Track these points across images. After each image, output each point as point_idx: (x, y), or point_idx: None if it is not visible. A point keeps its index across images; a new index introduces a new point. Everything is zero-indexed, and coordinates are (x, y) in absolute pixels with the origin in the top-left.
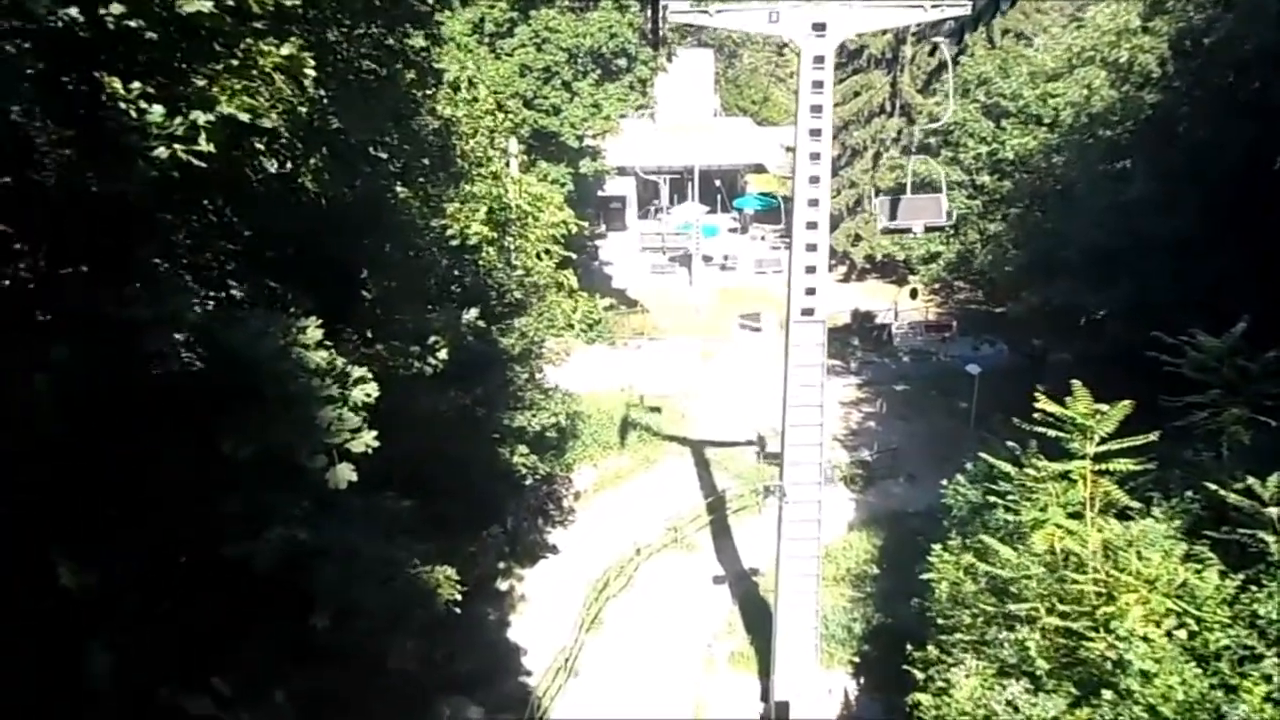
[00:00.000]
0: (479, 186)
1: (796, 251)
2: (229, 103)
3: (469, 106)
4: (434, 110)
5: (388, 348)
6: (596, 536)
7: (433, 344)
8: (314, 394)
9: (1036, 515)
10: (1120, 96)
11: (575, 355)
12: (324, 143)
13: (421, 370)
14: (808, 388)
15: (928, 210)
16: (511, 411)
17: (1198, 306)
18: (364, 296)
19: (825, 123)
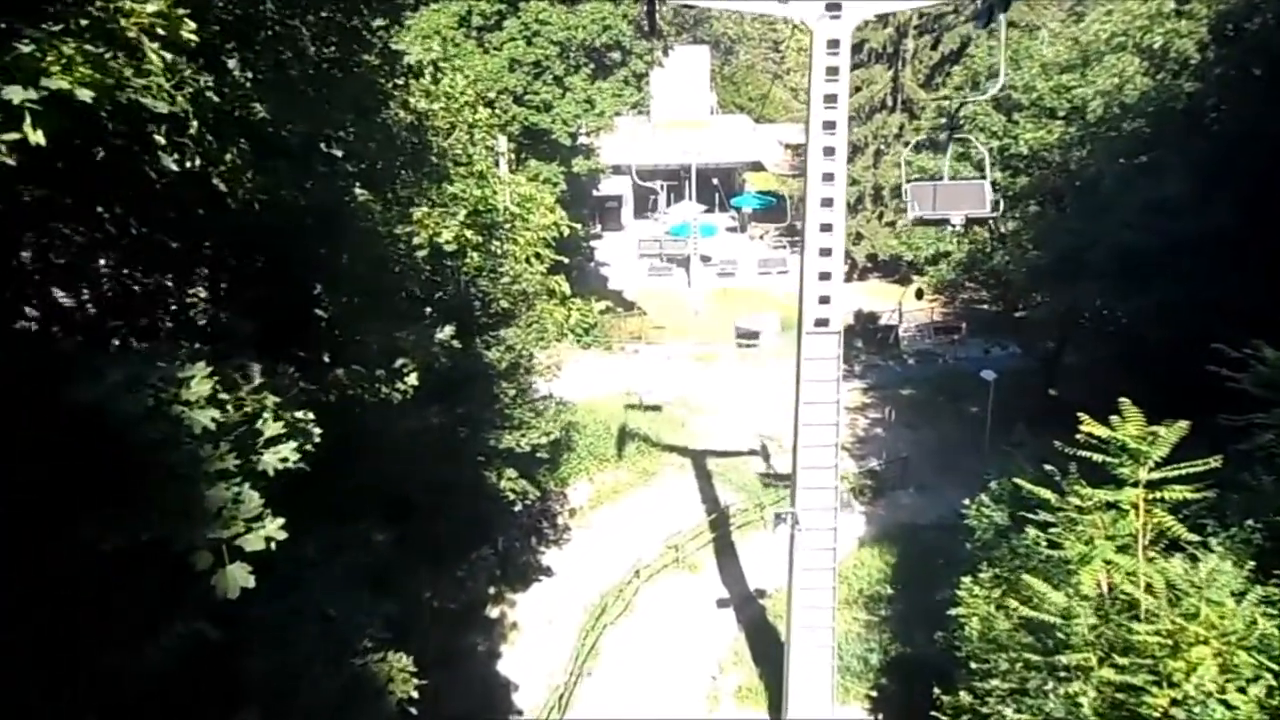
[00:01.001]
0: (458, 186)
1: (809, 256)
2: (63, 75)
3: (446, 99)
4: (406, 103)
5: (349, 373)
6: (593, 556)
7: (401, 367)
8: (199, 468)
9: (1082, 550)
10: (1155, 85)
11: (571, 361)
12: (252, 136)
13: (389, 396)
14: (822, 405)
15: (969, 198)
16: (498, 431)
17: (1235, 312)
18: (319, 316)
19: (841, 114)
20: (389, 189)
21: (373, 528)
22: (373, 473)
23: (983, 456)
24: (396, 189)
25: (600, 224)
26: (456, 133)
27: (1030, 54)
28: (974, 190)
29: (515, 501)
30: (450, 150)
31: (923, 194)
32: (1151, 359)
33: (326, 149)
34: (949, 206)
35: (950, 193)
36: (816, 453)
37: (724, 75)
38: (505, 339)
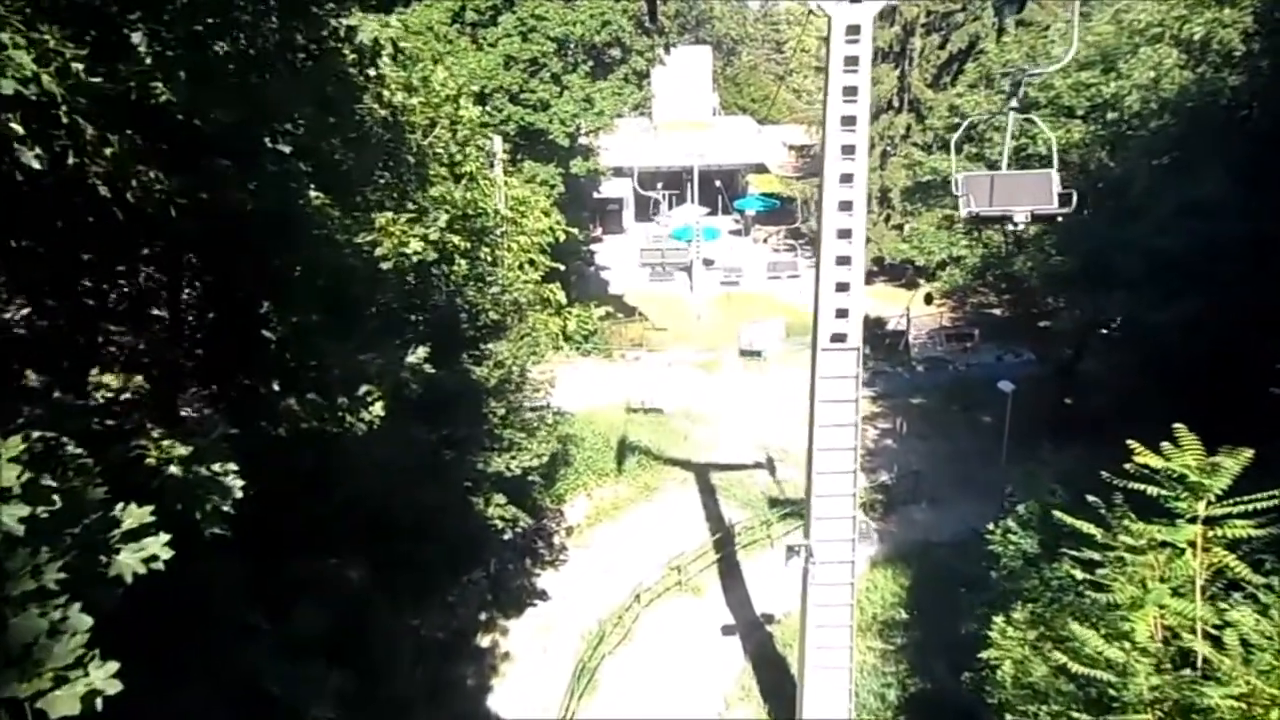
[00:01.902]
0: (439, 190)
1: (825, 265)
2: None
3: (426, 92)
4: (381, 97)
5: (304, 403)
6: (591, 578)
7: (365, 395)
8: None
9: (1134, 594)
10: (1195, 78)
11: (569, 369)
12: (157, 126)
13: (354, 427)
14: (839, 428)
15: (1034, 191)
16: (486, 453)
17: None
18: (266, 339)
19: (861, 109)
20: (358, 192)
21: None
22: (351, 499)
23: (1000, 470)
24: (367, 193)
25: (601, 227)
26: (438, 130)
27: (1047, 51)
28: (1039, 182)
29: (503, 530)
30: (430, 149)
31: (978, 187)
32: (1180, 369)
33: (272, 144)
34: (1010, 201)
35: (1011, 185)
36: (832, 480)
37: (726, 76)
38: (494, 353)
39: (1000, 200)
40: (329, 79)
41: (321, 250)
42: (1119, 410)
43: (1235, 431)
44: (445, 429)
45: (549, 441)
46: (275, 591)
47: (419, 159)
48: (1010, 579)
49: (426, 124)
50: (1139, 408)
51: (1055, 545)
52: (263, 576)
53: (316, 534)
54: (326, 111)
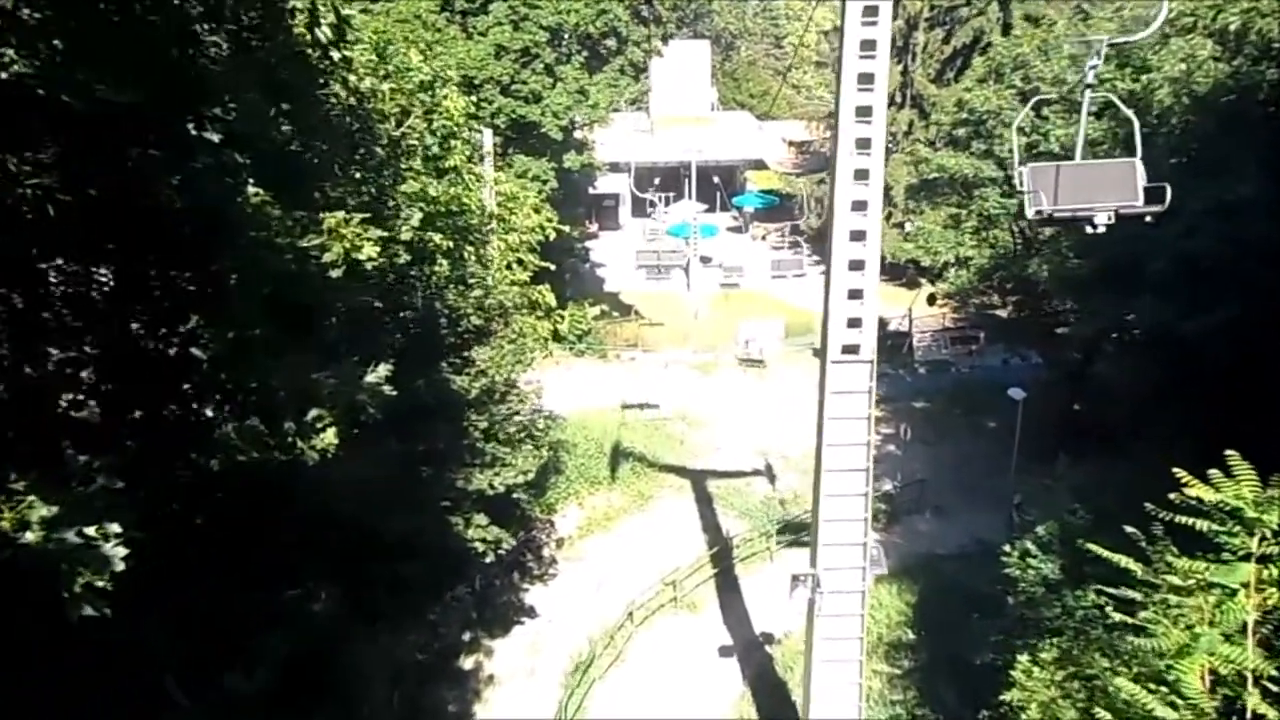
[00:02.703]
0: (414, 185)
1: (836, 271)
2: None
3: (398, 77)
4: (347, 82)
5: (242, 431)
6: (582, 593)
7: (314, 420)
8: None
9: (1181, 640)
10: (1231, 71)
11: (563, 370)
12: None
13: (304, 455)
14: (850, 447)
15: (1115, 185)
16: (468, 469)
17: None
18: (195, 357)
19: (879, 98)
20: (317, 188)
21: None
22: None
23: (1007, 478)
24: (327, 188)
25: (597, 223)
26: (412, 119)
27: (1060, 45)
28: (1121, 173)
29: (485, 553)
30: (404, 140)
31: (1045, 180)
32: (1203, 379)
33: (197, 131)
34: (1087, 198)
35: (1086, 178)
36: (842, 503)
37: (725, 71)
38: (476, 361)
39: (1074, 197)
40: (281, 61)
41: (261, 255)
42: (1135, 419)
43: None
44: (422, 444)
45: (535, 456)
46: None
47: (390, 151)
48: (1029, 606)
49: (398, 113)
50: (1156, 417)
51: (1077, 570)
52: (208, 621)
53: (277, 564)
54: (278, 96)
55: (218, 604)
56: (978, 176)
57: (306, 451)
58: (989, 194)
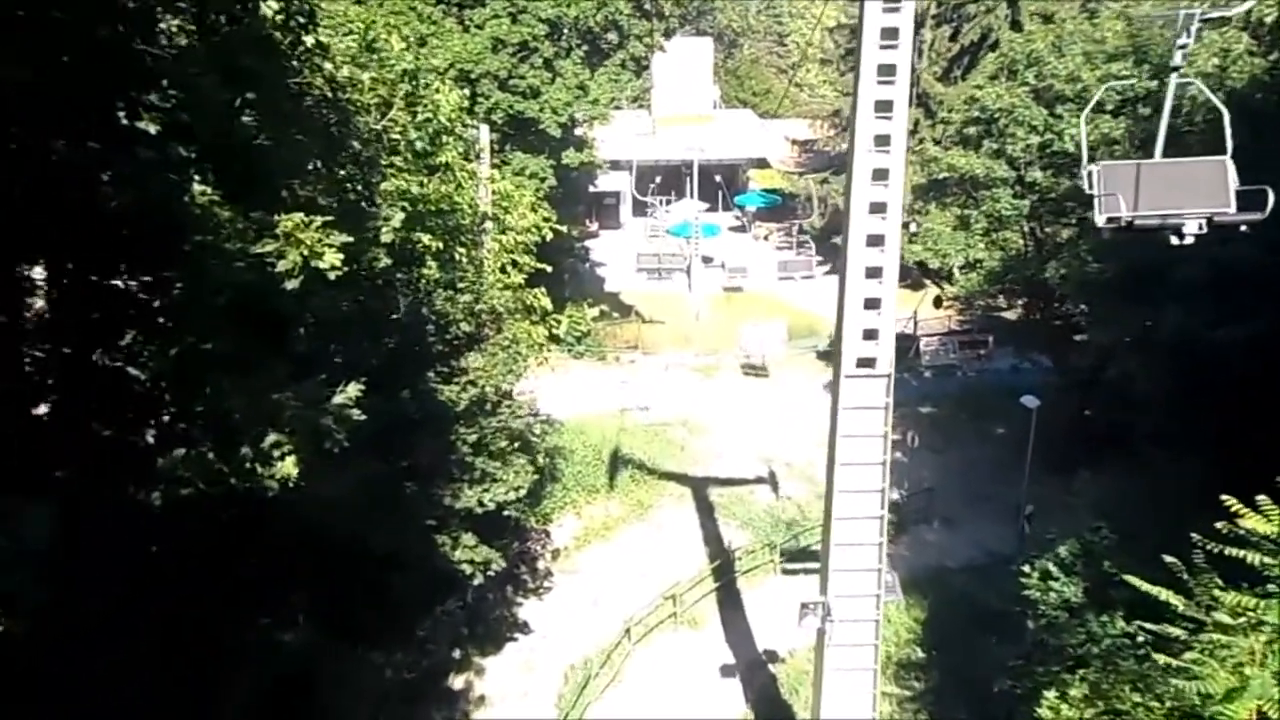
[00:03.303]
0: (395, 183)
1: (852, 278)
2: None
3: (380, 64)
4: (321, 70)
5: (193, 460)
6: (578, 607)
7: (271, 447)
8: None
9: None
10: (1268, 66)
11: (561, 372)
12: None
13: (264, 485)
14: (865, 467)
15: (1205, 187)
16: (456, 485)
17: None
18: (135, 378)
19: (900, 92)
20: (285, 186)
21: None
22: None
23: (1021, 490)
24: (296, 187)
25: (597, 222)
26: (394, 112)
27: (1075, 40)
28: (1211, 174)
29: (473, 575)
30: (386, 135)
31: (1120, 181)
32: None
33: (129, 122)
34: (1173, 201)
35: (1171, 179)
36: (855, 526)
37: (727, 69)
38: (466, 370)
39: (1157, 201)
40: (243, 46)
41: (209, 261)
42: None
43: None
44: (405, 459)
45: (528, 471)
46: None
47: (370, 146)
48: (1050, 630)
49: (379, 104)
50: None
51: (1102, 593)
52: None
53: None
54: (241, 85)
55: (173, 643)
56: (989, 176)
57: (265, 481)
58: (1000, 194)
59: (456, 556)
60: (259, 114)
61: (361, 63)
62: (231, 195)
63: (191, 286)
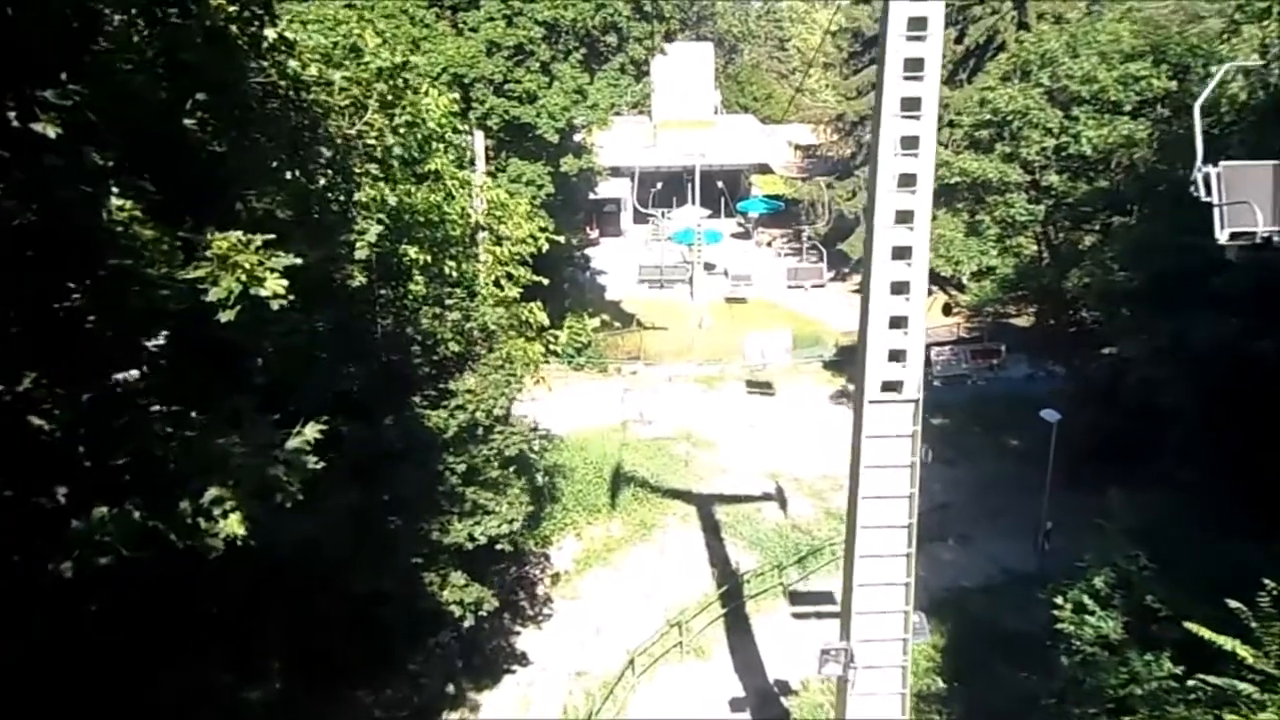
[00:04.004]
0: (370, 192)
1: (876, 294)
2: None
3: (355, 62)
4: (282, 66)
5: (116, 520)
6: (579, 636)
7: (211, 505)
8: None
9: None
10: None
11: (560, 384)
12: None
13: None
14: (891, 501)
15: None
16: (444, 518)
17: None
18: (38, 428)
19: (929, 89)
20: (240, 198)
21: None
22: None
23: (1041, 505)
24: (252, 199)
25: (597, 229)
26: (370, 114)
27: (1090, 41)
28: None
29: (463, 616)
30: (361, 140)
31: (1254, 186)
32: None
33: (22, 123)
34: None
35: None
36: (881, 565)
37: (728, 74)
38: (455, 393)
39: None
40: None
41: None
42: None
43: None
44: (388, 492)
45: (521, 504)
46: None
47: (341, 152)
48: (1087, 669)
49: (352, 106)
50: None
51: (1143, 627)
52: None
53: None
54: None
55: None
56: (1003, 181)
57: (208, 542)
58: (1015, 199)
59: (445, 597)
60: (213, 116)
61: (336, 60)
62: (174, 209)
63: (107, 318)
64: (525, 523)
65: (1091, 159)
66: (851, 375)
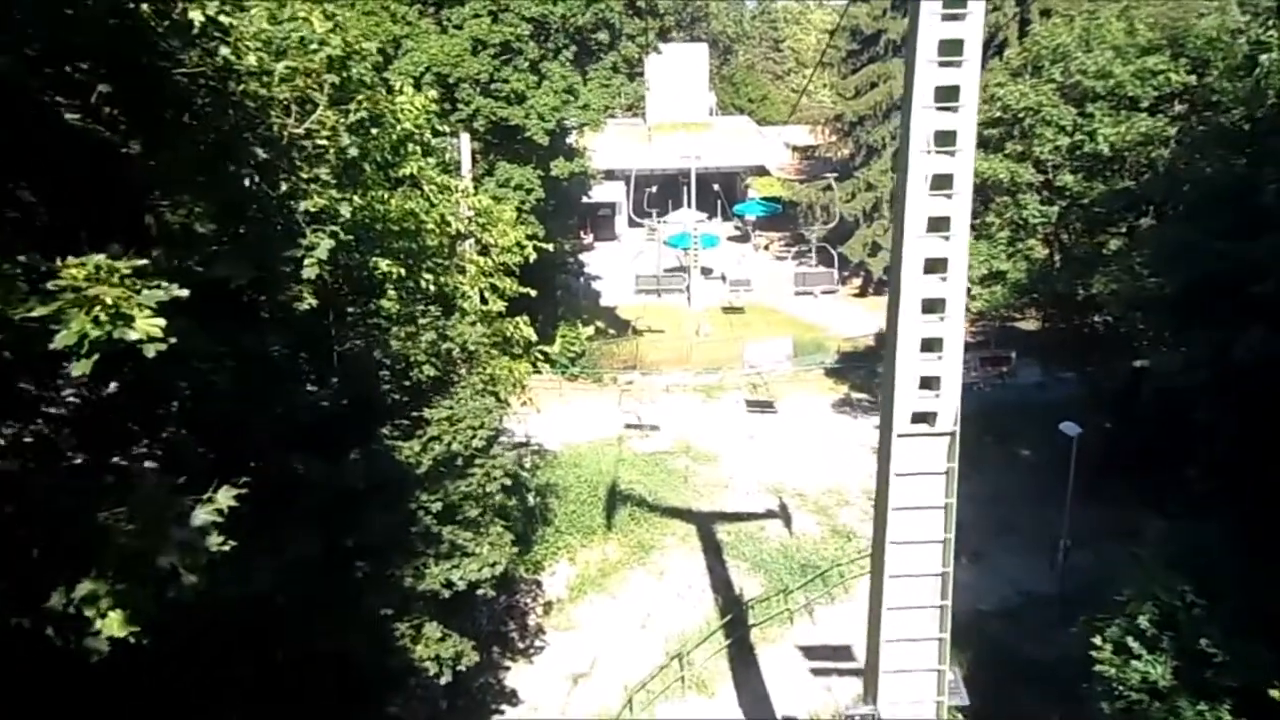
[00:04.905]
0: (317, 200)
1: (905, 314)
2: None
3: (301, 50)
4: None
5: None
6: (574, 670)
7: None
8: None
9: None
10: None
11: (554, 395)
12: None
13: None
14: (923, 546)
15: None
16: (418, 562)
17: None
18: None
19: (969, 75)
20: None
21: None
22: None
23: (1057, 520)
24: (165, 211)
25: (592, 234)
26: (321, 111)
27: (1104, 35)
28: None
29: (439, 673)
30: (311, 140)
31: None
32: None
33: None
34: None
35: None
36: (912, 618)
37: (723, 76)
38: (430, 421)
39: None
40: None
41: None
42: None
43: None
44: (354, 535)
45: (504, 546)
46: None
47: (284, 154)
48: (1131, 716)
49: (297, 101)
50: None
51: (1195, 672)
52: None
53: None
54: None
55: None
56: (1014, 181)
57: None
58: (1027, 200)
59: (418, 652)
60: (122, 111)
61: (280, 49)
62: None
63: None
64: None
65: (1107, 158)
66: (854, 383)
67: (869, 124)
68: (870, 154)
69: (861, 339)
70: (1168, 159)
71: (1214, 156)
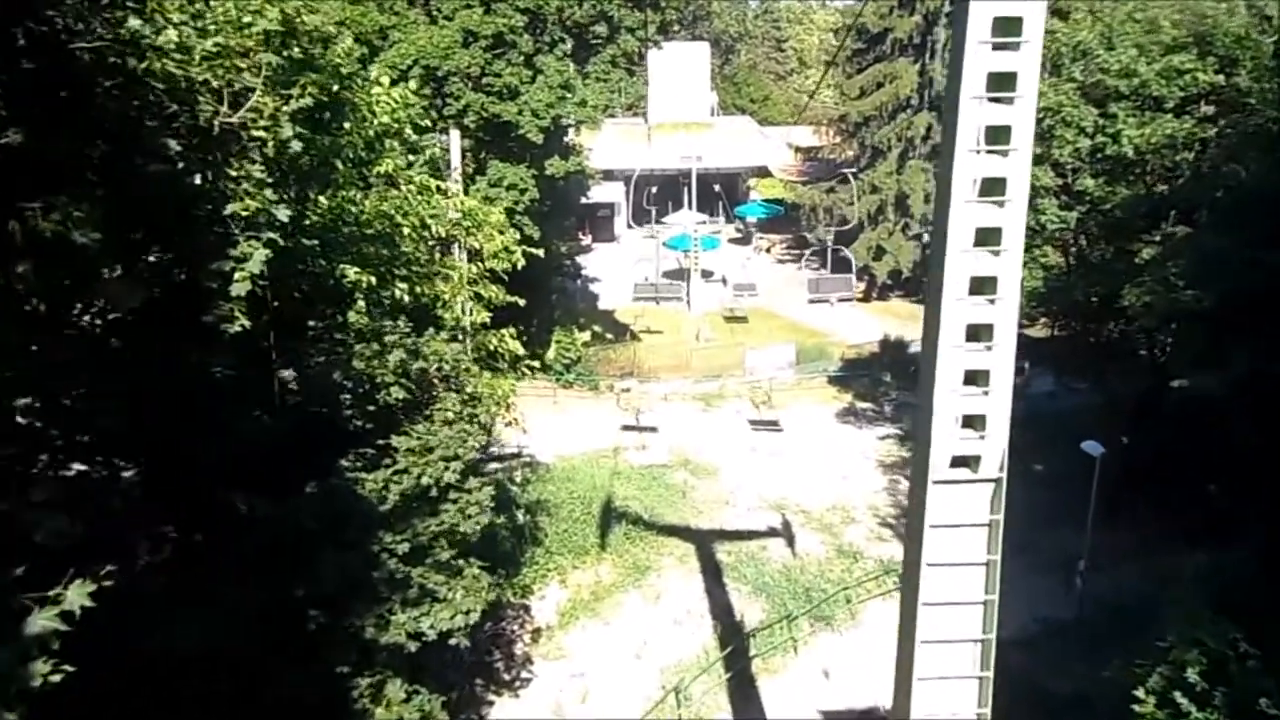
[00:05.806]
0: (246, 203)
1: (946, 341)
2: None
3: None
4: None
5: None
6: (562, 705)
7: None
8: None
9: None
10: None
11: (547, 403)
12: None
13: None
14: (961, 609)
15: None
16: (381, 609)
17: None
18: None
19: (1028, 60)
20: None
21: None
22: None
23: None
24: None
25: (590, 235)
26: (257, 97)
27: (1126, 31)
28: None
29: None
30: (246, 130)
31: None
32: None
33: None
34: None
35: None
36: (948, 690)
37: (724, 75)
38: (398, 450)
39: None
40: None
41: None
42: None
43: None
44: (306, 584)
45: (480, 591)
46: None
47: (209, 148)
48: None
49: (226, 84)
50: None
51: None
52: None
53: None
54: None
55: None
56: (1032, 185)
57: None
58: (1045, 205)
59: (379, 715)
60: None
61: (209, 23)
62: None
63: None
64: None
65: (1130, 161)
66: (859, 392)
67: (874, 124)
68: (875, 155)
69: (866, 345)
70: (1193, 162)
71: (1248, 160)
